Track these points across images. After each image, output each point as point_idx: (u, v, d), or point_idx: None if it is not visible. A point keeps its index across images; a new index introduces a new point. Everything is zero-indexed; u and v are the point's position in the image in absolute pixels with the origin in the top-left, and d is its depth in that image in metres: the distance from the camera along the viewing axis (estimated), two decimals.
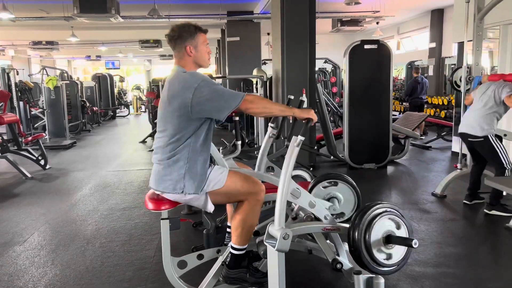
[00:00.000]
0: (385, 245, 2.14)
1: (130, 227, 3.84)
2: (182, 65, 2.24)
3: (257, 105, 2.12)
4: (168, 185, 2.21)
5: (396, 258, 2.17)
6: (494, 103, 3.83)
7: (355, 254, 2.14)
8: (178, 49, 2.22)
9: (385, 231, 2.15)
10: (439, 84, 11.77)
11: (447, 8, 11.43)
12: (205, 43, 2.25)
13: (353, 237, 2.13)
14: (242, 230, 2.27)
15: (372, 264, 2.13)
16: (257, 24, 10.92)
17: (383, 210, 2.17)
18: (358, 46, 5.86)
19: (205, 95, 2.06)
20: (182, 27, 2.21)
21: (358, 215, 2.17)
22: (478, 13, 4.51)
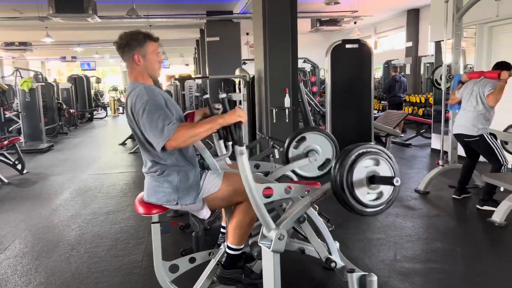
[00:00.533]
0: (369, 186, 2.05)
1: (115, 232, 3.76)
2: (134, 78, 2.15)
3: (182, 140, 1.94)
4: (161, 196, 2.17)
5: (383, 198, 2.08)
6: (483, 103, 3.94)
7: (338, 197, 2.03)
8: (126, 58, 2.13)
9: (368, 171, 2.05)
10: (416, 82, 12.00)
11: (422, 8, 11.66)
12: (155, 52, 2.15)
13: (335, 182, 2.02)
14: (240, 230, 2.25)
15: (359, 206, 2.03)
16: (236, 24, 10.88)
17: (364, 151, 2.09)
18: (339, 45, 5.89)
19: (142, 124, 2.01)
20: (130, 34, 2.12)
21: (339, 160, 2.05)
22: (456, 13, 4.61)
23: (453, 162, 4.76)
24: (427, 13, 11.53)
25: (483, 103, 3.93)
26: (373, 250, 3.15)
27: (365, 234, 3.49)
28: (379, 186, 2.07)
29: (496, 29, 5.99)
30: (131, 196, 4.93)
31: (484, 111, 3.95)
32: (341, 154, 2.09)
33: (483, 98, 3.92)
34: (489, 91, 3.86)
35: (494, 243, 3.36)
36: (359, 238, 3.39)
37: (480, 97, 3.94)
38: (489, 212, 3.79)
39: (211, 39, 10.80)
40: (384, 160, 2.09)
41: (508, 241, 3.37)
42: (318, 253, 2.39)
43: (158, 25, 11.99)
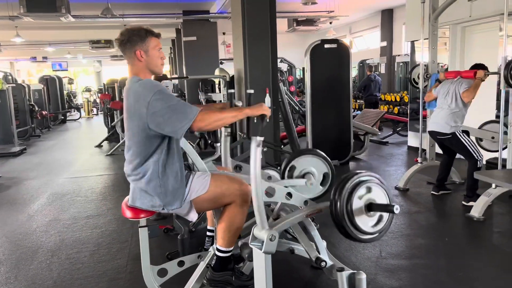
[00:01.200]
0: (367, 213, 2.10)
1: (96, 236, 3.67)
2: (135, 73, 2.10)
3: (208, 122, 1.96)
4: (146, 202, 2.13)
5: (380, 225, 2.14)
6: (457, 102, 4.04)
7: (338, 225, 2.09)
8: (128, 54, 2.09)
9: (366, 199, 2.10)
10: (391, 81, 12.22)
11: (396, 8, 11.88)
12: (157, 48, 2.12)
13: (336, 211, 2.07)
14: (230, 232, 2.22)
15: (357, 233, 2.10)
16: (213, 24, 10.82)
17: (365, 179, 2.13)
18: (318, 45, 5.95)
19: (158, 111, 1.93)
20: (132, 30, 2.08)
21: (338, 188, 2.10)
22: (433, 13, 4.71)
23: (431, 159, 4.86)
24: (401, 13, 11.77)
25: (457, 102, 4.04)
26: (359, 248, 3.18)
27: None
28: (376, 213, 2.13)
29: (468, 29, 6.16)
30: (111, 199, 4.83)
31: (457, 109, 4.05)
32: (338, 184, 2.13)
33: (458, 96, 4.03)
34: (465, 89, 3.97)
35: (474, 237, 3.45)
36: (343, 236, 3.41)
37: (456, 95, 4.05)
38: (469, 208, 3.89)
39: (188, 39, 10.71)
40: (377, 186, 2.15)
41: (486, 235, 3.47)
42: (308, 253, 2.40)
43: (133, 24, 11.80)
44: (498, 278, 2.68)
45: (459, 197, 4.34)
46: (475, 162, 3.98)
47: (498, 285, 2.59)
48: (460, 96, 4.00)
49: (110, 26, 12.18)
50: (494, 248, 3.19)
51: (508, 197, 4.15)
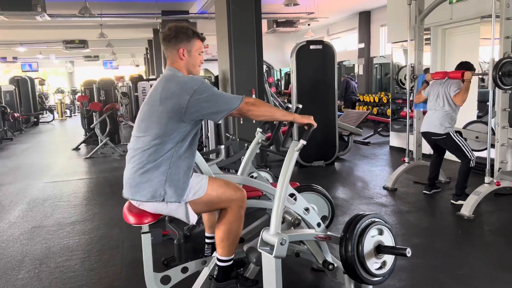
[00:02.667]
0: (376, 256, 2.17)
1: (85, 243, 3.53)
2: (176, 68, 2.14)
3: (259, 108, 2.07)
4: (146, 193, 2.04)
5: (387, 267, 2.21)
6: (449, 103, 4.11)
7: (349, 268, 2.14)
8: (170, 50, 2.13)
9: (375, 241, 2.18)
10: (368, 82, 12.40)
11: (373, 10, 12.07)
12: (200, 51, 2.18)
13: (346, 251, 2.13)
14: (228, 240, 2.17)
15: (366, 276, 2.14)
16: (193, 24, 10.69)
17: (372, 221, 2.19)
18: (304, 46, 5.96)
19: (204, 97, 1.99)
20: (180, 27, 2.13)
21: (349, 228, 2.17)
22: (419, 15, 4.79)
23: (418, 159, 4.94)
24: (378, 15, 11.98)
25: (450, 103, 4.10)
26: None
27: None
28: (383, 255, 2.17)
29: (449, 31, 6.30)
30: (95, 204, 4.68)
31: (450, 111, 4.12)
32: (348, 225, 2.19)
33: (449, 99, 4.10)
34: (455, 92, 4.04)
35: (467, 235, 3.50)
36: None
37: (447, 98, 4.11)
38: (458, 206, 3.96)
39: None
40: (384, 227, 2.18)
41: (478, 233, 3.53)
42: (315, 256, 2.38)
43: (109, 24, 11.56)
44: (496, 276, 2.72)
45: (447, 196, 4.42)
46: (468, 162, 4.06)
47: (496, 283, 2.63)
48: (451, 98, 4.07)
49: (85, 26, 11.90)
50: (488, 246, 3.25)
51: (494, 195, 4.24)
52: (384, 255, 2.20)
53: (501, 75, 3.63)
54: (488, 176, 3.86)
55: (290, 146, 2.14)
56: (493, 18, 3.73)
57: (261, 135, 2.86)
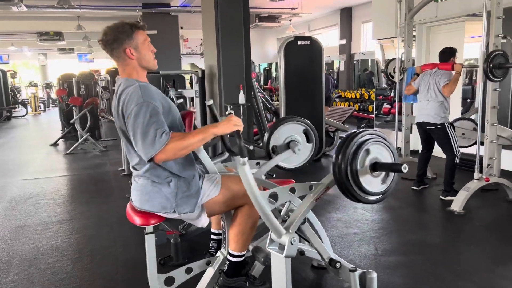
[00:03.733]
0: (372, 173, 1.99)
1: (75, 242, 3.41)
2: (128, 74, 1.97)
3: (173, 152, 1.78)
4: (156, 203, 1.97)
5: (385, 185, 2.03)
6: (441, 94, 4.17)
7: (342, 187, 1.97)
8: (116, 54, 1.94)
9: (371, 158, 1.99)
10: (349, 79, 12.50)
11: (355, 7, 12.15)
12: (146, 41, 1.99)
13: (339, 173, 1.94)
14: (243, 236, 2.13)
15: (363, 195, 1.98)
16: (174, 17, 10.53)
17: (368, 138, 1.99)
18: (292, 42, 5.92)
19: (130, 126, 1.83)
20: (115, 28, 1.92)
21: (341, 149, 1.96)
22: (408, 13, 4.83)
23: (406, 155, 4.99)
24: (360, 12, 12.07)
25: (441, 93, 4.17)
26: (354, 246, 3.18)
27: (341, 230, 3.52)
28: (381, 172, 2.05)
29: (433, 29, 6.39)
30: (81, 202, 4.53)
31: (443, 100, 4.20)
32: (342, 142, 2.00)
33: (440, 89, 4.16)
34: (445, 83, 4.10)
35: (459, 231, 3.55)
36: (337, 234, 3.41)
37: (438, 88, 4.18)
38: (449, 202, 4.03)
39: (148, 33, 10.24)
40: (381, 144, 2.05)
41: (470, 228, 3.59)
42: (321, 254, 2.35)
43: (87, 17, 11.24)
44: (493, 270, 2.77)
45: (435, 192, 4.49)
46: (453, 158, 4.13)
47: (495, 278, 2.67)
48: (440, 88, 4.12)
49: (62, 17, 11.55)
50: (482, 241, 3.30)
51: (480, 191, 4.32)
52: (382, 173, 2.00)
53: (492, 67, 3.70)
54: (478, 172, 3.93)
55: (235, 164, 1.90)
56: (484, 15, 3.77)
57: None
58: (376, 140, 2.01)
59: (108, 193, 4.88)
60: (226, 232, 2.27)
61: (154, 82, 10.47)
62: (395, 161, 2.05)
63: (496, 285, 2.57)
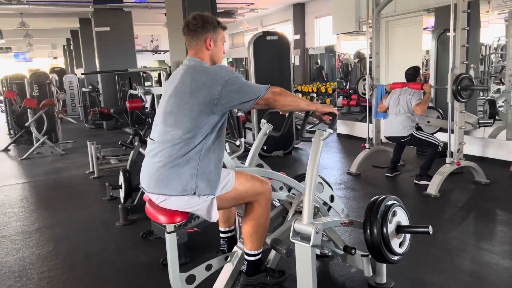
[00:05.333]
0: (397, 236, 2.29)
1: (63, 250, 3.25)
2: (200, 58, 2.06)
3: (285, 98, 2.03)
4: (176, 186, 1.93)
5: (405, 245, 2.34)
6: (409, 110, 4.48)
7: (376, 251, 2.23)
8: (196, 40, 2.06)
9: (395, 222, 2.29)
10: (305, 73, 12.76)
11: (308, 2, 12.40)
12: (223, 41, 2.16)
13: (372, 234, 2.22)
14: (257, 234, 2.16)
15: (391, 256, 2.24)
16: (128, 14, 10.18)
17: (391, 203, 2.30)
18: (260, 37, 5.98)
19: (235, 88, 1.95)
20: (206, 17, 2.07)
21: (371, 212, 2.26)
22: (376, 7, 5.02)
23: (377, 144, 5.22)
24: (313, 7, 12.35)
25: (410, 110, 4.49)
26: (346, 233, 3.28)
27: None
28: (402, 235, 2.30)
29: (392, 23, 6.69)
30: (55, 208, 4.32)
31: (411, 115, 4.53)
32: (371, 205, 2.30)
33: (410, 106, 4.48)
34: (417, 101, 4.40)
35: (439, 212, 3.77)
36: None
37: (408, 105, 4.49)
38: (423, 186, 4.28)
39: (101, 29, 9.93)
40: (399, 208, 2.32)
41: (448, 209, 3.82)
42: (336, 243, 2.43)
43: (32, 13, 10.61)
44: (480, 246, 2.98)
45: (408, 178, 4.74)
46: (436, 147, 4.41)
47: (483, 253, 2.88)
48: (411, 105, 4.45)
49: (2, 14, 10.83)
50: (461, 220, 3.55)
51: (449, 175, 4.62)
52: (402, 234, 2.32)
53: (460, 89, 3.98)
54: (449, 157, 4.19)
55: (315, 135, 2.15)
56: (451, 31, 3.99)
57: (267, 126, 2.85)
58: (398, 204, 2.26)
59: (83, 197, 4.67)
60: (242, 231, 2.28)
61: (109, 80, 10.13)
62: (410, 222, 2.30)
63: (487, 259, 2.77)
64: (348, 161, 5.69)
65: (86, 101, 11.25)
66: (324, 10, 11.23)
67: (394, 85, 4.71)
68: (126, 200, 3.99)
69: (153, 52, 15.56)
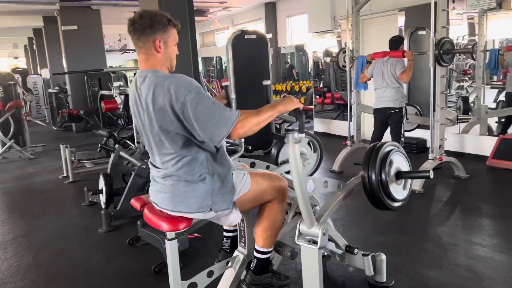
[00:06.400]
0: (396, 182, 2.18)
1: (45, 259, 3.08)
2: (152, 66, 1.84)
3: (248, 127, 1.74)
4: (192, 203, 1.85)
5: (406, 191, 2.25)
6: (396, 80, 4.45)
7: (374, 197, 2.15)
8: (143, 41, 1.81)
9: (395, 168, 2.18)
10: (278, 72, 12.76)
11: (279, 1, 12.40)
12: (176, 42, 1.90)
13: (370, 183, 2.11)
14: (272, 231, 2.09)
15: (390, 202, 2.16)
16: (96, 12, 9.87)
17: (390, 149, 2.18)
18: (239, 35, 5.91)
19: (193, 114, 1.69)
20: (154, 15, 1.81)
21: (369, 159, 2.14)
22: (355, 6, 5.06)
23: (359, 141, 5.26)
24: (284, 6, 12.36)
25: (397, 80, 4.46)
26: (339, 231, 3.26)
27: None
28: (403, 180, 2.21)
29: (367, 22, 6.76)
30: (33, 215, 4.12)
31: (399, 86, 4.51)
32: (368, 155, 2.17)
33: (395, 76, 4.45)
34: (401, 70, 4.38)
35: (426, 207, 3.81)
36: None
37: (393, 75, 4.46)
38: None
39: (68, 28, 9.57)
40: (399, 153, 2.23)
41: (434, 205, 3.88)
42: (337, 242, 2.40)
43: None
44: (470, 240, 3.03)
45: None
46: (398, 141, 4.46)
47: (475, 246, 2.93)
48: (396, 74, 4.42)
49: None
50: (448, 214, 3.61)
51: None
52: (402, 180, 2.21)
53: (442, 53, 4.03)
54: (432, 153, 4.27)
55: (288, 140, 1.96)
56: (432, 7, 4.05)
57: None
58: (396, 150, 2.17)
59: (59, 203, 4.46)
60: (245, 230, 2.21)
61: (78, 80, 9.78)
62: (411, 168, 2.23)
63: (479, 253, 2.82)
64: (328, 159, 5.68)
65: (53, 103, 10.82)
66: (296, 9, 11.27)
67: (375, 55, 4.69)
68: (108, 205, 3.84)
69: (121, 52, 15.16)
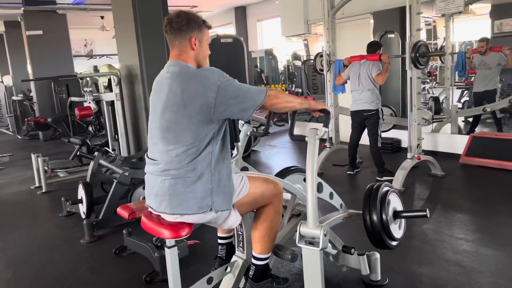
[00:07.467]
0: (394, 221, 2.30)
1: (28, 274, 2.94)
2: (184, 60, 1.89)
3: (281, 100, 1.93)
4: (191, 204, 1.81)
5: (402, 230, 2.36)
6: (372, 82, 4.55)
7: (376, 238, 2.22)
8: (180, 39, 1.89)
9: (392, 208, 2.30)
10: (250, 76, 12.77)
11: (249, 6, 12.46)
12: (209, 41, 2.01)
13: (372, 223, 2.20)
14: (269, 237, 2.08)
15: (390, 242, 2.25)
16: (62, 16, 9.56)
17: (387, 190, 2.31)
18: (215, 39, 5.88)
19: (230, 93, 1.80)
20: (191, 14, 1.93)
21: (369, 199, 2.25)
22: (331, 9, 5.14)
23: (337, 143, 5.33)
24: (254, 10, 12.43)
25: (373, 82, 4.56)
26: None
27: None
28: (399, 220, 2.31)
29: (340, 25, 6.86)
30: (7, 228, 3.92)
31: (375, 89, 4.61)
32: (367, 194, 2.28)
33: (371, 78, 4.55)
34: (377, 72, 4.48)
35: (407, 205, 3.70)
36: None
37: (369, 77, 4.56)
38: (388, 181, 4.41)
39: (32, 33, 9.22)
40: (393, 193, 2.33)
41: (415, 203, 3.98)
42: (335, 244, 2.42)
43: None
44: (455, 236, 3.12)
45: (369, 174, 4.89)
46: (376, 142, 4.60)
47: (460, 242, 3.02)
48: (372, 77, 4.52)
49: None
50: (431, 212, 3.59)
51: None
52: (399, 220, 2.32)
53: (418, 56, 4.15)
54: (410, 152, 4.38)
55: (309, 134, 2.06)
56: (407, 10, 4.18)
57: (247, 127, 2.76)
58: (392, 190, 2.27)
59: (35, 215, 4.28)
60: (243, 234, 2.19)
61: (44, 87, 9.45)
62: (403, 207, 2.32)
63: (465, 248, 2.91)
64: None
65: (17, 111, 10.40)
66: (267, 13, 11.36)
67: (352, 58, 4.79)
68: (89, 215, 3.72)
69: (87, 57, 14.77)
